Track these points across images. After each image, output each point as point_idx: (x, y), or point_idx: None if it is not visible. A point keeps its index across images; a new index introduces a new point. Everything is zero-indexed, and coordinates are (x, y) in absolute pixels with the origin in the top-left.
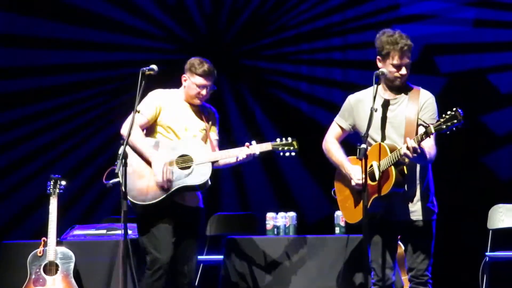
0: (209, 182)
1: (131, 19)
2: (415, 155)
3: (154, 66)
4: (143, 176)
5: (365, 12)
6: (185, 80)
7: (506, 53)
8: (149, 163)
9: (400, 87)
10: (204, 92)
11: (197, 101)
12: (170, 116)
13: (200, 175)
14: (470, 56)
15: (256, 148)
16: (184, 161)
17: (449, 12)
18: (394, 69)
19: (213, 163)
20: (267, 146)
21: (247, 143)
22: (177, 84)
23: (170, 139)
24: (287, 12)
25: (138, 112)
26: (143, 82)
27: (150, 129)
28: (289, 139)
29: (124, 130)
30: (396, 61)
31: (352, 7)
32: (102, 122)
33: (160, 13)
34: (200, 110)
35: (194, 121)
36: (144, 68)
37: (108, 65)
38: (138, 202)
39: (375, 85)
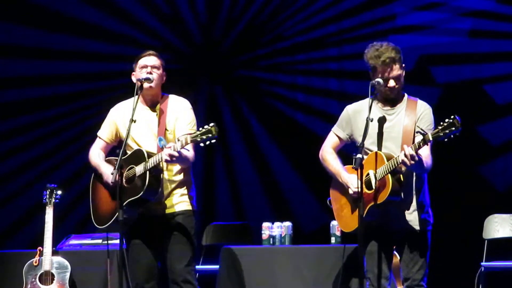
0: (153, 191)
1: (127, 29)
2: (412, 162)
3: (150, 76)
4: (101, 199)
5: (361, 22)
6: (133, 75)
7: (501, 63)
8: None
9: (397, 98)
10: (147, 70)
11: (147, 85)
12: (125, 128)
13: (139, 187)
14: (466, 66)
15: (177, 145)
16: (130, 175)
17: (445, 23)
18: (383, 83)
19: (151, 170)
20: (186, 141)
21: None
22: (170, 93)
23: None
24: (283, 22)
25: (134, 121)
26: (139, 92)
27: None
28: (206, 126)
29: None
30: (381, 74)
31: (348, 17)
32: (98, 131)
33: (156, 23)
34: (161, 108)
35: (151, 126)
36: (141, 78)
37: (104, 75)
38: (100, 227)
39: (371, 95)
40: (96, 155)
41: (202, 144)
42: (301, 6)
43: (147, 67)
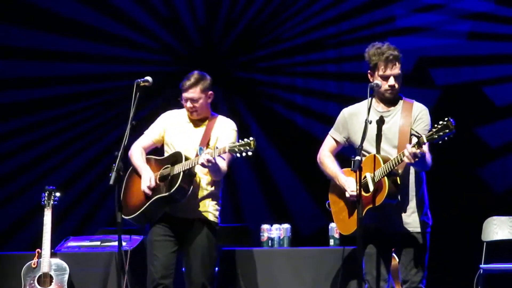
0: (183, 192)
1: (126, 31)
2: (416, 159)
3: (149, 78)
4: (132, 192)
5: (360, 24)
6: (181, 100)
7: (500, 65)
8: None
9: (393, 100)
10: (189, 104)
11: (193, 115)
12: (173, 135)
13: (170, 186)
14: (465, 68)
15: (215, 152)
16: (164, 174)
17: (444, 25)
18: (383, 81)
19: (185, 172)
20: (224, 149)
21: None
22: (169, 95)
23: None
24: (282, 24)
25: (133, 124)
26: (138, 93)
27: (162, 148)
28: (246, 140)
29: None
30: (382, 71)
31: (347, 19)
32: (96, 133)
33: (155, 25)
34: (207, 122)
35: (193, 139)
36: (139, 80)
37: (103, 77)
38: (126, 217)
39: (370, 97)
40: (139, 153)
41: (238, 155)
42: (300, 8)
43: (192, 100)
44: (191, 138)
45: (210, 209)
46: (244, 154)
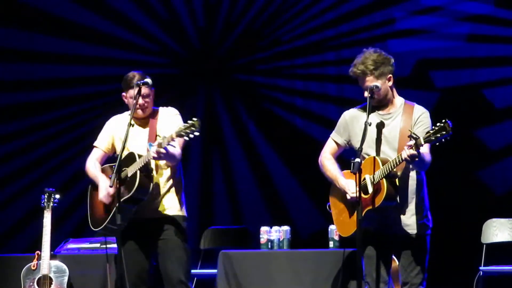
0: (144, 189)
1: (125, 33)
2: (416, 159)
3: (148, 80)
4: (97, 204)
5: (359, 27)
6: (125, 98)
7: (500, 67)
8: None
9: (390, 103)
10: (140, 101)
11: (139, 113)
12: (121, 139)
13: (130, 187)
14: (465, 70)
15: (163, 142)
16: (122, 177)
17: (443, 27)
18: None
19: (141, 170)
20: (171, 136)
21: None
22: (168, 97)
23: None
24: (281, 26)
25: (132, 126)
26: (138, 95)
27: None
28: (189, 121)
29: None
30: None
31: (346, 21)
32: (96, 135)
33: (154, 27)
34: (150, 119)
35: (142, 138)
36: (139, 82)
37: (102, 79)
38: (96, 229)
39: (369, 100)
40: (93, 165)
41: (187, 138)
42: (299, 11)
43: (140, 98)
44: (140, 138)
45: (174, 204)
46: (191, 135)
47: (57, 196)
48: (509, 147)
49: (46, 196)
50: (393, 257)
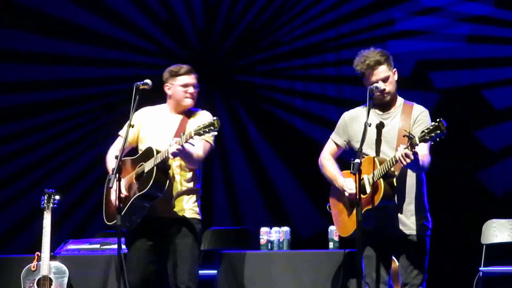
0: (160, 186)
1: (125, 35)
2: (408, 161)
3: (148, 81)
4: (111, 199)
5: (359, 27)
6: (169, 89)
7: (500, 68)
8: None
9: (393, 103)
10: (191, 90)
11: (188, 102)
12: (149, 131)
13: (146, 182)
14: (464, 71)
15: (182, 139)
16: (139, 172)
17: (443, 28)
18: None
19: (158, 166)
20: (190, 134)
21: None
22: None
23: None
24: (281, 27)
25: (132, 126)
26: (137, 96)
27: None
28: (209, 120)
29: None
30: (370, 78)
31: (346, 22)
32: (95, 136)
33: (154, 29)
34: (184, 116)
35: (170, 129)
36: (138, 83)
37: (102, 80)
38: (109, 223)
39: (369, 100)
40: (114, 157)
41: (207, 139)
42: (299, 12)
43: (189, 87)
44: (168, 130)
45: (191, 206)
46: (210, 134)
47: (57, 197)
48: (509, 148)
49: (46, 197)
50: (393, 257)
